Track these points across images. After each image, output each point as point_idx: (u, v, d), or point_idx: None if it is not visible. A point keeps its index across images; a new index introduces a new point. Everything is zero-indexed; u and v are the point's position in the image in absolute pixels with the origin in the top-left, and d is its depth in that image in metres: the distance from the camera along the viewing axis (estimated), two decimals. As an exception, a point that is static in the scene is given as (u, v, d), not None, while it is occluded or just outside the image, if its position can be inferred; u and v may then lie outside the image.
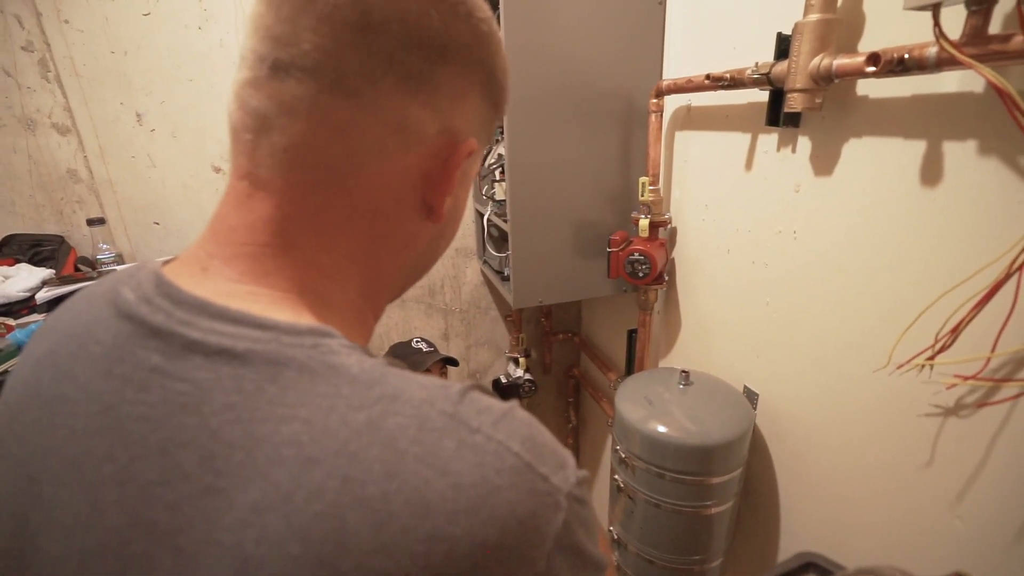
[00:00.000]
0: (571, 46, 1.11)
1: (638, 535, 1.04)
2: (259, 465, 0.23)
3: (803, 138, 0.85)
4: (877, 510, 0.80)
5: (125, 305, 0.29)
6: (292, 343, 0.26)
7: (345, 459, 0.23)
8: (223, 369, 0.26)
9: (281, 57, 0.29)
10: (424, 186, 0.34)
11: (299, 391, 0.25)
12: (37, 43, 1.23)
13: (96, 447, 0.26)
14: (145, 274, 0.30)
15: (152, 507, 0.24)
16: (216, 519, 0.23)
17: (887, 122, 0.71)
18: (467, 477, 0.24)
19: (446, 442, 0.25)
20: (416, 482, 0.23)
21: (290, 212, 0.30)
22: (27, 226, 1.34)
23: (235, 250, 0.30)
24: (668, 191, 1.23)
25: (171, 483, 0.24)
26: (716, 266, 1.10)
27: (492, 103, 0.37)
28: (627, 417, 0.99)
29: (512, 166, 1.16)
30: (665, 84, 1.08)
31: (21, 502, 0.28)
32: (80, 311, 0.31)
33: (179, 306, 0.28)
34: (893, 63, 0.60)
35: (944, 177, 0.64)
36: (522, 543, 0.24)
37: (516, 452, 0.26)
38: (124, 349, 0.27)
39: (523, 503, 0.24)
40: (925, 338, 0.66)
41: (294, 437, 0.24)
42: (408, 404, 0.25)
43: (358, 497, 0.23)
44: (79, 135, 1.32)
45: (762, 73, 0.82)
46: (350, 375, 0.26)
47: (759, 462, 1.04)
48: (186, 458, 0.24)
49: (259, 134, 0.30)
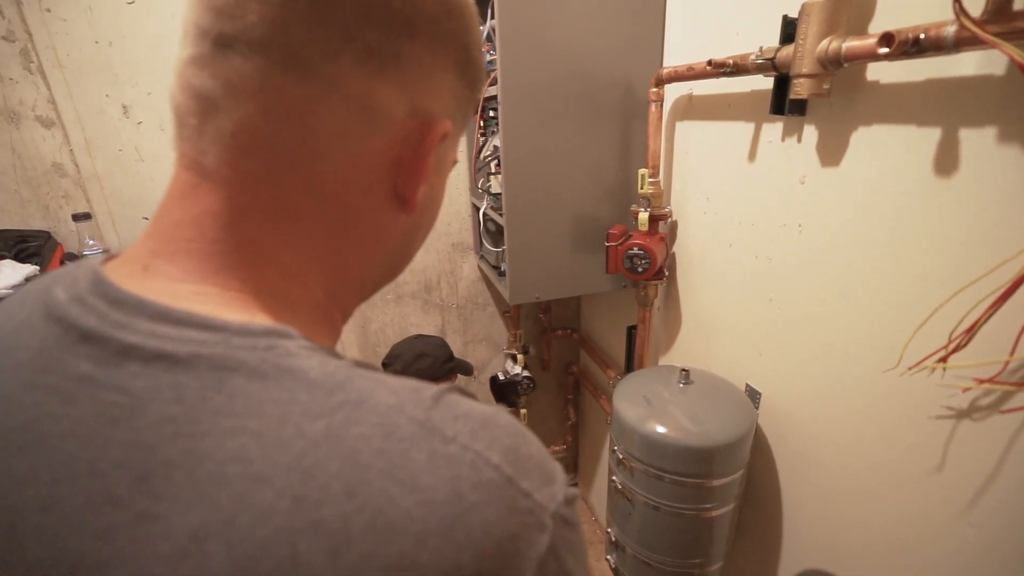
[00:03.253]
0: (568, 34, 1.07)
1: (636, 537, 1.01)
2: (201, 486, 0.20)
3: (809, 127, 0.81)
4: (884, 515, 0.77)
5: (55, 306, 0.25)
6: (243, 345, 0.24)
7: (298, 475, 0.20)
8: (162, 377, 0.23)
9: (225, 30, 0.25)
10: (395, 174, 0.31)
11: (249, 399, 0.22)
12: (18, 32, 1.20)
13: (14, 468, 0.22)
14: (83, 272, 0.27)
15: (78, 536, 0.21)
16: (150, 550, 0.20)
17: (899, 108, 0.67)
18: (439, 494, 0.21)
19: (415, 454, 0.22)
20: (380, 501, 0.21)
21: (242, 204, 0.27)
22: (12, 222, 1.31)
23: (179, 246, 0.27)
24: (668, 183, 1.20)
25: (100, 509, 0.21)
26: (718, 261, 1.07)
27: (467, 82, 0.33)
28: (625, 417, 0.96)
29: (508, 158, 1.13)
30: (665, 72, 1.04)
31: None
32: (11, 313, 0.28)
33: (115, 307, 0.25)
34: (908, 44, 0.56)
35: (960, 167, 0.61)
36: (500, 569, 0.21)
37: (496, 465, 0.23)
38: (51, 356, 0.24)
39: (502, 523, 0.22)
40: (938, 337, 0.62)
41: (241, 452, 0.21)
42: (374, 411, 0.23)
43: (312, 520, 0.20)
44: (64, 128, 1.28)
45: (767, 58, 0.78)
46: (308, 379, 0.23)
47: (761, 464, 1.01)
48: (118, 479, 0.21)
49: (204, 118, 0.27)
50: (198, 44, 0.26)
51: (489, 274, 1.54)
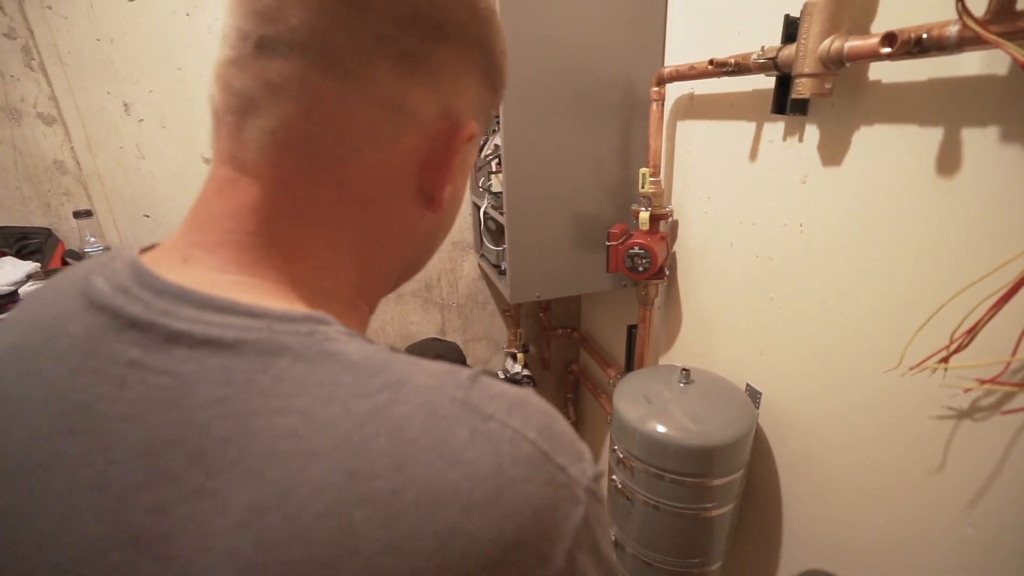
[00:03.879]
0: (569, 32, 1.07)
1: (636, 537, 1.01)
2: (254, 462, 0.21)
3: (811, 126, 0.81)
4: (885, 515, 0.77)
5: (98, 295, 0.26)
6: (285, 331, 0.25)
7: (348, 451, 0.21)
8: (210, 360, 0.23)
9: (266, 34, 0.27)
10: (422, 173, 0.32)
11: (295, 381, 0.23)
12: (20, 30, 1.20)
13: (67, 450, 0.23)
14: (120, 263, 0.28)
15: (135, 512, 0.22)
16: (209, 523, 0.21)
17: (901, 108, 0.67)
18: (482, 468, 0.22)
19: (457, 431, 0.23)
20: (427, 475, 0.21)
21: (278, 199, 0.28)
22: (13, 219, 1.31)
23: (219, 238, 0.28)
24: (669, 183, 1.19)
25: (157, 485, 0.22)
26: (719, 260, 1.07)
27: (491, 86, 0.35)
28: (625, 416, 0.96)
29: (509, 157, 1.13)
30: (667, 71, 1.04)
31: None
32: (47, 303, 0.28)
33: (159, 296, 0.25)
34: (910, 43, 0.56)
35: (962, 166, 0.60)
36: (540, 539, 0.22)
37: (532, 440, 0.24)
38: (97, 343, 0.25)
39: (541, 495, 0.23)
40: (939, 338, 0.62)
41: (292, 430, 0.22)
42: (415, 391, 0.24)
43: (364, 492, 0.21)
44: (65, 125, 1.28)
45: (768, 57, 0.78)
46: (350, 362, 0.24)
47: (762, 463, 1.01)
48: (173, 458, 0.22)
49: (244, 116, 0.28)
50: (238, 47, 0.28)
51: (489, 273, 1.54)
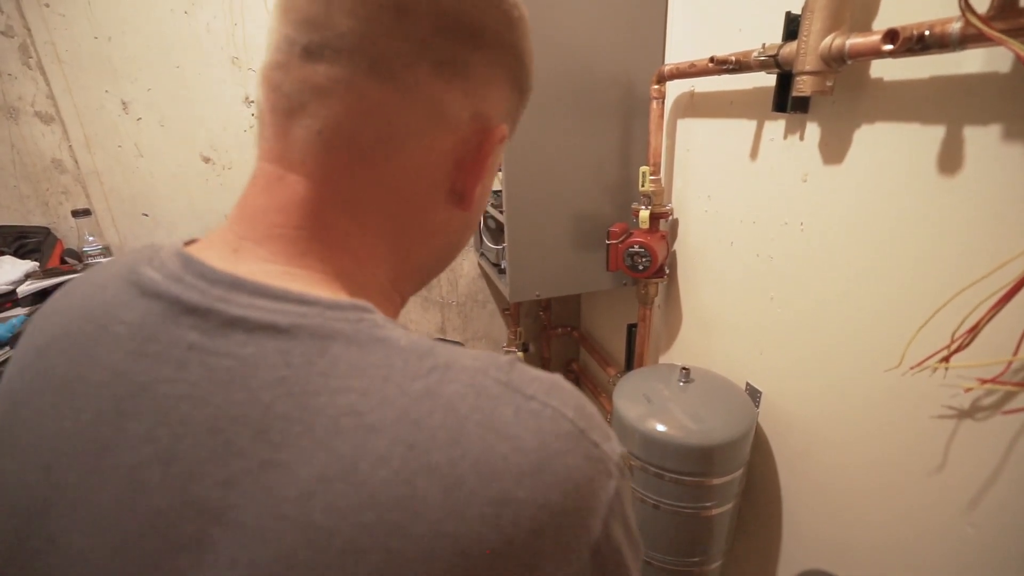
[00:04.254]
0: (569, 30, 1.07)
1: (636, 536, 1.01)
2: (319, 436, 0.23)
3: (812, 124, 0.80)
4: (885, 515, 0.77)
5: (151, 284, 0.27)
6: (336, 317, 0.26)
7: (407, 426, 0.23)
8: (268, 344, 0.25)
9: (314, 39, 0.28)
10: (455, 173, 0.34)
11: (349, 363, 0.25)
12: (17, 28, 1.19)
13: (132, 429, 0.25)
14: (167, 255, 0.29)
15: (203, 485, 0.23)
16: (277, 492, 0.22)
17: (903, 106, 0.66)
18: (528, 441, 0.24)
19: (504, 409, 0.25)
20: (480, 447, 0.23)
21: (324, 195, 0.30)
22: (12, 218, 1.30)
23: (267, 231, 0.30)
24: (670, 181, 1.19)
25: (223, 460, 0.23)
26: (719, 259, 1.06)
27: (519, 89, 0.36)
28: (625, 415, 0.96)
29: (508, 155, 1.12)
30: (667, 69, 1.03)
31: (35, 496, 0.26)
32: (91, 293, 0.30)
33: (214, 284, 0.27)
34: (912, 41, 0.55)
35: (964, 165, 0.60)
36: (581, 507, 0.24)
37: (571, 419, 0.26)
38: (155, 328, 0.26)
39: (581, 468, 0.25)
40: (940, 337, 0.62)
41: (351, 407, 0.23)
42: (463, 373, 0.25)
43: (425, 463, 0.22)
44: (63, 124, 1.28)
45: (769, 55, 0.78)
46: (399, 347, 0.26)
47: (762, 462, 1.01)
48: (238, 434, 0.23)
49: (291, 117, 0.30)
50: (286, 52, 0.29)
51: (489, 271, 1.54)
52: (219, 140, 1.41)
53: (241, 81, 1.38)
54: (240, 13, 1.33)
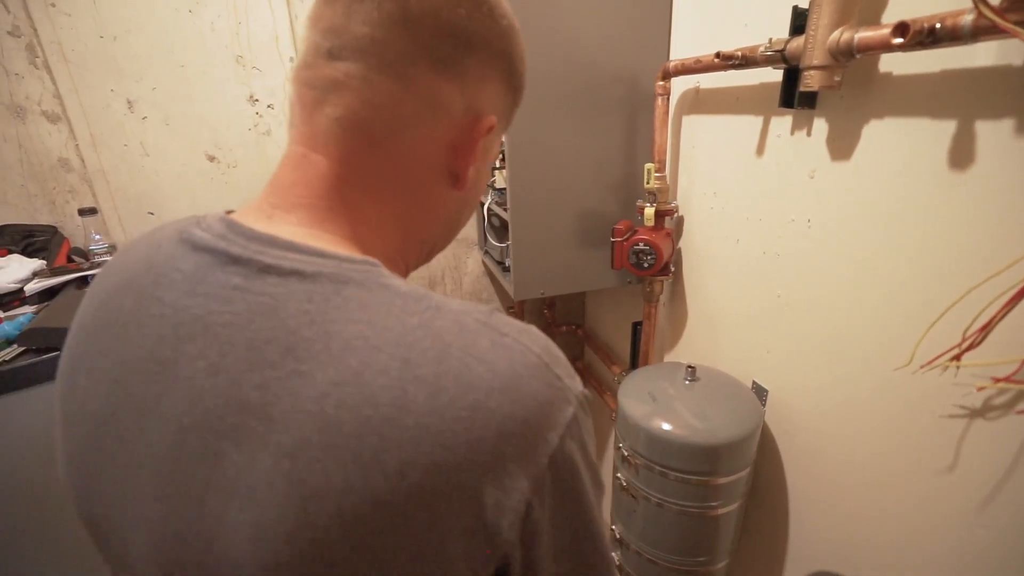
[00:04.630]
0: (573, 26, 1.06)
1: (640, 535, 1.01)
2: (334, 353, 0.29)
3: (819, 120, 0.79)
4: (894, 515, 0.76)
5: (201, 241, 0.34)
6: (350, 268, 0.32)
7: (403, 348, 0.29)
8: (296, 285, 0.31)
9: (336, 43, 0.35)
10: (451, 157, 0.40)
11: (359, 302, 0.31)
12: (24, 27, 1.20)
13: (188, 349, 0.31)
14: (212, 220, 0.35)
15: (243, 389, 0.29)
16: (300, 393, 0.28)
17: (912, 101, 0.65)
18: (500, 366, 0.30)
19: (482, 340, 0.31)
20: (460, 366, 0.29)
21: (341, 172, 0.36)
22: (19, 216, 1.31)
23: (295, 202, 0.36)
24: (675, 178, 1.18)
25: (259, 370, 0.29)
26: (725, 256, 1.06)
27: (511, 88, 0.42)
28: (630, 414, 0.95)
29: (512, 153, 1.12)
30: (672, 65, 1.02)
31: (106, 404, 0.33)
32: (149, 251, 0.36)
33: (252, 240, 0.33)
34: (923, 34, 0.54)
35: (976, 159, 0.59)
36: (541, 422, 0.30)
37: (537, 354, 0.32)
38: (205, 274, 0.33)
39: (543, 391, 0.30)
40: (951, 335, 0.61)
41: (360, 333, 0.29)
42: (450, 312, 0.31)
43: (415, 375, 0.28)
44: (70, 123, 1.29)
45: (776, 50, 0.77)
46: (400, 292, 0.32)
47: (768, 462, 1.00)
48: (271, 350, 0.29)
49: (315, 107, 0.36)
50: (314, 55, 0.36)
51: (493, 270, 1.53)
52: (223, 139, 1.41)
53: (245, 80, 1.38)
54: (244, 12, 1.33)
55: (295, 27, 1.38)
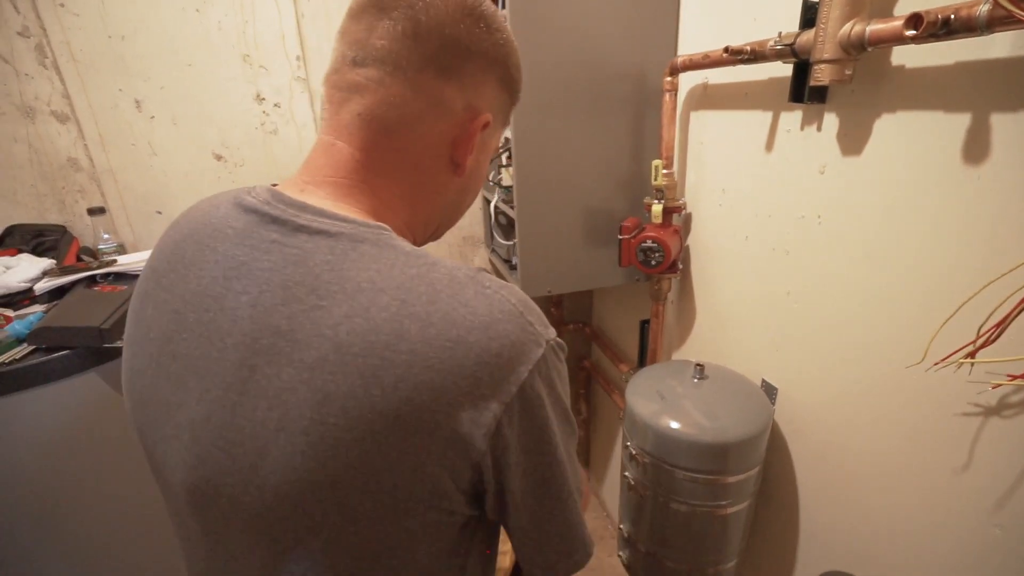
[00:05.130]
0: (580, 23, 1.05)
1: (647, 534, 1.00)
2: (348, 293, 0.36)
3: (830, 115, 0.78)
4: (906, 515, 0.75)
5: (251, 205, 0.42)
6: (366, 230, 0.40)
7: (402, 292, 0.36)
8: (321, 242, 0.39)
9: (359, 54, 0.43)
10: (453, 148, 0.47)
11: (372, 256, 0.38)
12: (33, 28, 1.21)
13: (234, 287, 0.39)
14: (259, 191, 0.43)
15: (276, 318, 0.37)
16: (321, 322, 0.36)
17: (926, 94, 0.64)
18: (480, 310, 0.37)
19: (467, 290, 0.38)
20: (448, 307, 0.36)
21: (362, 158, 0.44)
22: (29, 216, 1.32)
23: (324, 180, 0.44)
24: (683, 175, 1.17)
25: (289, 304, 0.37)
26: (733, 254, 1.05)
27: (507, 90, 0.50)
28: (638, 412, 0.94)
29: (519, 151, 1.11)
30: (680, 60, 1.02)
31: (167, 329, 0.41)
32: (209, 210, 0.45)
33: (289, 206, 0.41)
34: (936, 25, 0.53)
35: (991, 153, 0.58)
36: (512, 357, 0.37)
37: (514, 303, 0.39)
38: (251, 230, 0.41)
39: (516, 333, 0.38)
40: (965, 332, 0.60)
41: (369, 279, 0.37)
42: (443, 267, 0.39)
43: (410, 311, 0.36)
44: (78, 123, 1.29)
45: (786, 44, 0.76)
46: (404, 250, 0.39)
47: (778, 461, 0.99)
48: (299, 290, 0.37)
49: (342, 105, 0.44)
50: (340, 63, 0.44)
51: (500, 268, 1.53)
52: (230, 138, 1.42)
53: (251, 79, 1.38)
54: (251, 11, 1.33)
55: (301, 26, 1.39)
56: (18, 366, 0.91)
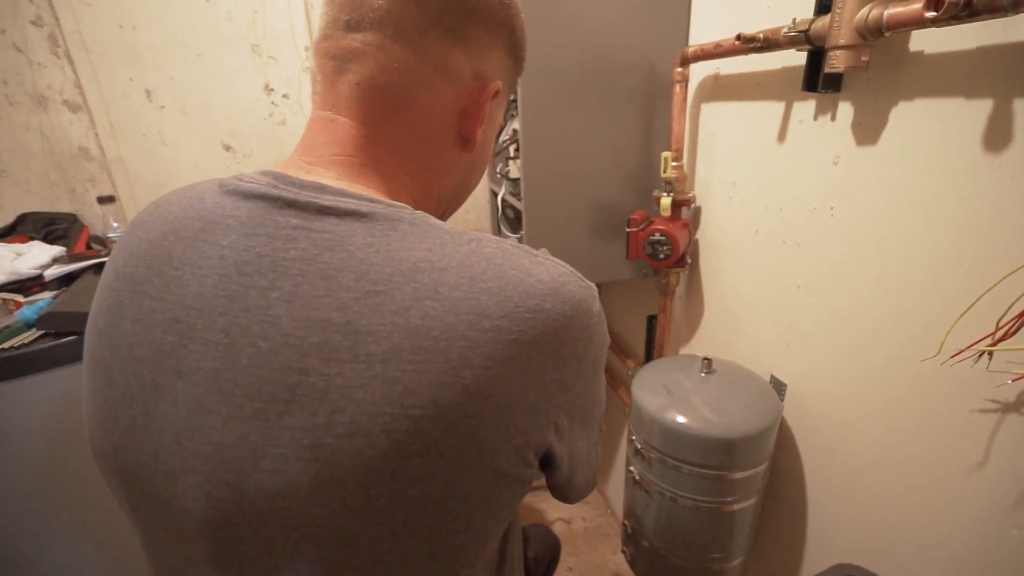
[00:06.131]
0: (589, 13, 1.04)
1: (653, 530, 0.99)
2: (406, 274, 0.33)
3: (844, 103, 0.76)
4: (919, 514, 0.73)
5: (252, 190, 0.37)
6: (397, 210, 0.37)
7: (465, 268, 0.34)
8: (355, 224, 0.35)
9: (354, 16, 0.39)
10: (461, 119, 0.44)
11: (415, 236, 0.35)
12: (46, 17, 1.22)
13: (257, 282, 0.34)
14: (251, 175, 0.39)
15: (323, 311, 0.33)
16: (382, 309, 0.32)
17: (946, 80, 0.62)
18: (544, 276, 0.36)
19: (523, 260, 0.37)
20: (515, 279, 0.35)
21: (366, 133, 0.41)
22: (41, 204, 1.34)
23: (331, 159, 0.40)
24: (692, 167, 1.16)
25: (336, 293, 0.33)
26: (743, 247, 1.03)
27: (513, 56, 0.47)
28: (644, 406, 0.93)
29: (527, 143, 1.10)
30: (691, 51, 1.00)
31: (162, 343, 0.35)
32: (191, 204, 0.39)
33: (303, 188, 0.37)
34: (958, 6, 0.52)
35: (1013, 140, 0.56)
36: (582, 314, 0.37)
37: (564, 266, 0.39)
38: (262, 218, 0.36)
39: (579, 292, 0.37)
40: (982, 326, 0.58)
41: (424, 258, 0.34)
42: (491, 242, 0.37)
43: (482, 287, 0.34)
44: (90, 112, 1.31)
45: (800, 30, 0.74)
46: (445, 229, 0.37)
47: (786, 457, 0.97)
48: (345, 277, 0.33)
49: (337, 75, 0.40)
50: (333, 28, 0.40)
51: (507, 262, 1.52)
52: (239, 128, 1.42)
53: (261, 69, 1.39)
54: (260, 1, 1.33)
55: (311, 16, 1.39)
56: (27, 350, 0.92)
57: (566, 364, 0.36)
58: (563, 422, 0.39)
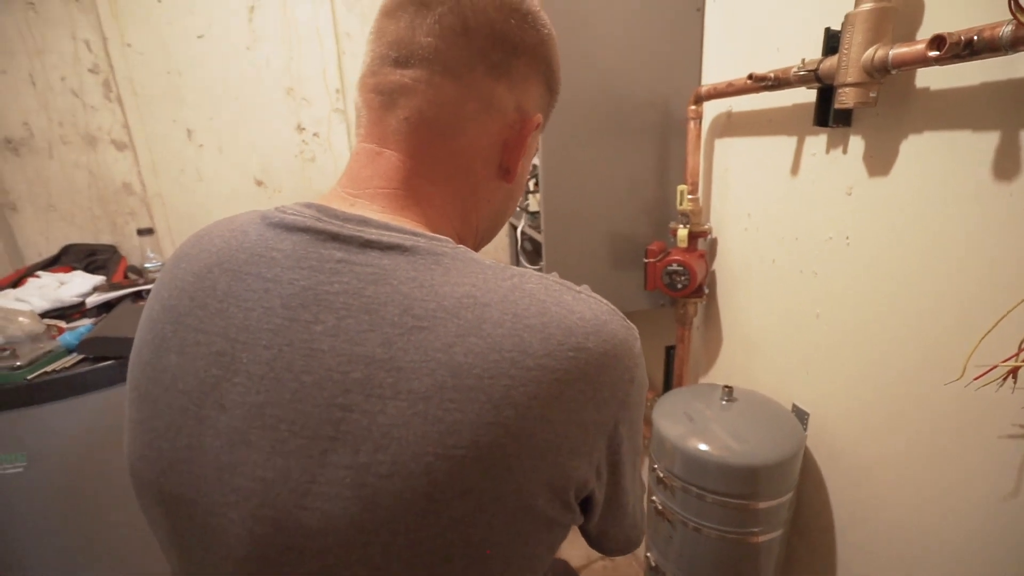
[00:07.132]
0: (606, 54, 1.10)
1: (676, 561, 0.97)
2: (449, 310, 0.33)
3: (855, 137, 0.80)
4: (949, 546, 0.72)
5: (296, 223, 0.38)
6: (439, 244, 0.37)
7: (509, 304, 0.34)
8: (398, 258, 0.35)
9: (403, 53, 0.40)
10: (503, 152, 0.45)
11: (458, 271, 0.35)
12: (102, 65, 1.32)
13: (300, 316, 0.34)
14: (297, 207, 0.39)
15: (367, 346, 0.32)
16: (426, 345, 0.32)
17: (953, 113, 0.65)
18: (586, 314, 0.35)
19: (566, 296, 0.36)
20: (559, 316, 0.34)
21: (412, 166, 0.41)
22: (84, 236, 1.41)
23: (375, 192, 0.41)
24: (708, 200, 1.19)
25: (380, 328, 0.33)
26: (760, 277, 1.05)
27: (550, 89, 0.48)
28: (665, 434, 0.93)
29: (546, 177, 1.15)
30: (704, 90, 1.05)
31: (206, 376, 0.35)
32: (234, 236, 0.39)
33: (347, 221, 0.37)
34: (960, 46, 0.55)
35: (1022, 169, 0.58)
36: (623, 355, 0.36)
37: (606, 303, 0.38)
38: (306, 251, 0.36)
39: (622, 332, 0.37)
40: (1004, 348, 0.59)
41: (468, 293, 0.34)
42: (532, 277, 0.37)
43: (526, 324, 0.33)
44: (135, 150, 1.39)
45: (809, 69, 0.78)
46: (486, 264, 0.37)
47: (811, 488, 0.96)
48: (388, 311, 0.33)
49: (385, 110, 0.41)
50: (380, 64, 0.41)
51: (525, 292, 1.54)
52: (271, 165, 1.50)
53: (294, 110, 1.47)
54: (296, 47, 1.43)
55: (342, 61, 1.48)
56: (67, 374, 0.96)
57: (607, 405, 0.35)
58: (603, 466, 0.38)
